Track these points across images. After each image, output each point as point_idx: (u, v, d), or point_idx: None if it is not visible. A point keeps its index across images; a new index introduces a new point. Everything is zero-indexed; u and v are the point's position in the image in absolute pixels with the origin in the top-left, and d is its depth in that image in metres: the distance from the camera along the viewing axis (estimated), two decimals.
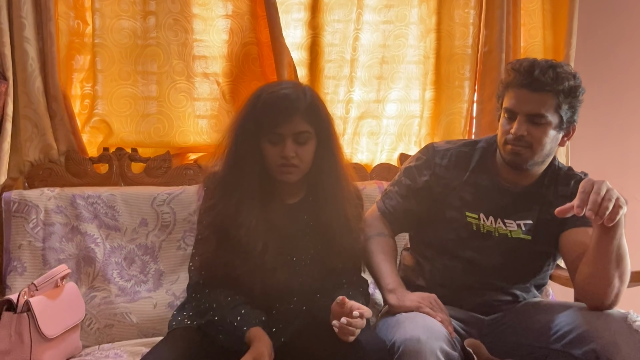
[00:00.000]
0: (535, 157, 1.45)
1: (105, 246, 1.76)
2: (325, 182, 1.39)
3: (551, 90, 1.40)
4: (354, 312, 1.23)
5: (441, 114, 2.14)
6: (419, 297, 1.43)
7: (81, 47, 1.91)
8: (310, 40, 2.04)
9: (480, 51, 2.12)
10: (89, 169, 1.89)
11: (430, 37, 2.11)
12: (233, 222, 1.33)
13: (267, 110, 1.33)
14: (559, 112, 1.42)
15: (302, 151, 1.35)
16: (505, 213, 1.52)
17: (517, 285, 1.55)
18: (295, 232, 1.41)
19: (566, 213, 1.27)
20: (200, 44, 1.95)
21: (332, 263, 1.41)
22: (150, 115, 1.92)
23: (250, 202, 1.35)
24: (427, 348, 1.25)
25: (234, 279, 1.34)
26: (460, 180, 1.55)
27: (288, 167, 1.35)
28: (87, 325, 1.67)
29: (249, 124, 1.36)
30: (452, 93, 2.13)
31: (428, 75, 2.13)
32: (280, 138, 1.33)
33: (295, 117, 1.33)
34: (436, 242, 1.57)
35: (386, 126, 2.13)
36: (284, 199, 1.43)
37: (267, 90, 1.37)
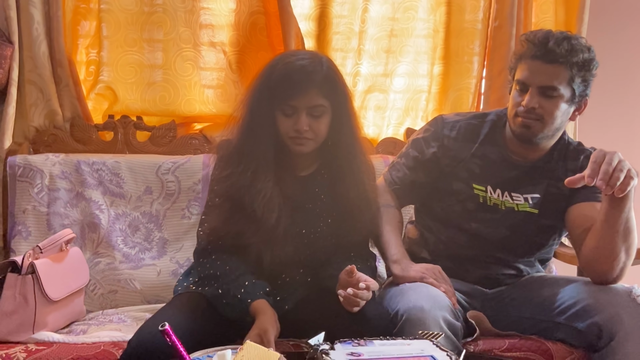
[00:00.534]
0: (546, 130, 1.44)
1: (109, 213, 1.76)
2: (339, 156, 1.38)
3: (565, 62, 1.38)
4: (360, 284, 1.23)
5: (449, 89, 2.12)
6: (423, 268, 1.44)
7: (87, 12, 1.89)
8: (318, 11, 2.01)
9: (491, 26, 2.10)
10: (93, 136, 1.88)
11: (441, 11, 2.08)
12: (248, 192, 1.32)
13: (281, 81, 1.30)
14: (571, 85, 1.40)
15: (316, 124, 1.33)
16: (513, 186, 1.51)
17: (521, 259, 1.55)
18: (306, 205, 1.40)
19: (576, 183, 1.26)
20: (207, 11, 1.93)
21: (342, 237, 1.40)
22: (156, 83, 1.91)
23: (266, 172, 1.33)
24: (430, 317, 1.25)
25: (242, 248, 1.33)
26: (469, 153, 1.54)
27: (301, 139, 1.33)
28: (91, 291, 1.68)
29: (264, 93, 1.34)
30: (460, 68, 2.11)
31: (437, 50, 2.11)
32: (294, 110, 1.31)
33: (311, 90, 1.30)
34: (442, 214, 1.56)
35: (393, 100, 2.11)
36: (296, 170, 1.41)
37: (283, 60, 1.34)
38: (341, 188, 1.38)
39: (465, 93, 2.12)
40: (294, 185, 1.39)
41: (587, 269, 1.43)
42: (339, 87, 1.35)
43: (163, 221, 1.79)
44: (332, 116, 1.35)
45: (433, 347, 1.01)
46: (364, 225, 1.42)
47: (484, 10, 2.09)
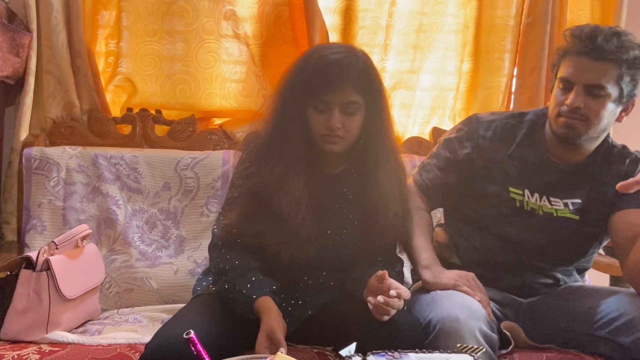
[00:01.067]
0: (590, 131, 1.36)
1: (126, 209, 1.71)
2: (371, 156, 1.32)
3: (614, 59, 1.31)
4: (392, 291, 1.17)
5: (478, 88, 2.05)
6: (456, 275, 1.36)
7: (107, 1, 1.84)
8: (344, 4, 1.95)
9: (524, 22, 2.02)
10: (111, 129, 1.84)
11: (471, 5, 2.01)
12: (276, 193, 1.26)
13: (315, 75, 1.25)
14: (619, 84, 1.33)
15: (348, 122, 1.27)
16: (552, 190, 1.43)
17: (559, 268, 1.48)
18: (333, 204, 1.34)
19: (630, 188, 1.19)
20: (231, 2, 1.87)
21: (369, 239, 1.34)
22: (176, 76, 1.85)
23: (296, 171, 1.28)
24: (465, 328, 1.18)
25: (260, 247, 1.28)
26: (505, 154, 1.46)
27: (332, 137, 1.27)
28: (106, 289, 1.64)
29: (296, 87, 1.28)
30: (491, 66, 2.04)
31: (466, 46, 2.04)
32: (327, 106, 1.26)
33: (345, 85, 1.24)
34: (474, 218, 1.49)
35: (420, 98, 2.05)
36: (325, 168, 1.36)
37: (317, 53, 1.28)
38: (371, 189, 1.32)
39: (495, 92, 2.05)
40: (322, 184, 1.33)
41: (633, 281, 1.34)
42: (374, 84, 1.30)
43: (181, 218, 1.73)
44: (366, 114, 1.29)
45: None
46: (393, 228, 1.35)
47: (517, 6, 2.02)
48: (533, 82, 2.02)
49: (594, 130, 1.36)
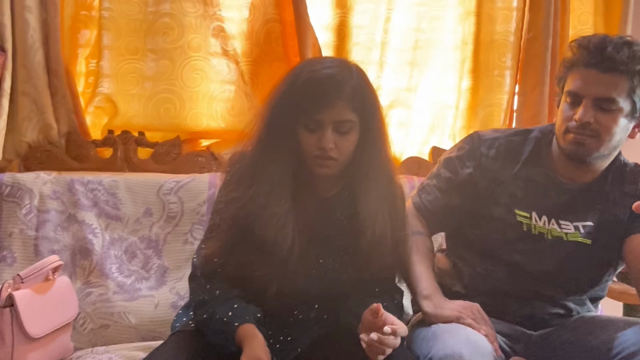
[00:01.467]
0: (602, 148, 1.27)
1: (104, 237, 1.61)
2: (366, 178, 1.21)
3: (625, 70, 1.22)
4: (385, 328, 1.05)
5: (478, 105, 2.00)
6: (459, 307, 1.25)
7: (88, 20, 1.77)
8: (337, 20, 1.89)
9: (524, 37, 1.97)
10: (91, 153, 1.75)
11: (470, 21, 1.97)
12: (259, 219, 1.16)
13: (306, 91, 1.16)
14: (632, 97, 1.24)
15: (342, 142, 1.17)
16: (561, 213, 1.34)
17: (571, 297, 1.37)
18: (326, 231, 1.23)
19: None
20: (220, 18, 1.80)
21: (365, 269, 1.23)
22: (160, 95, 1.77)
23: (282, 195, 1.18)
24: None
25: (247, 280, 1.17)
26: (510, 174, 1.37)
27: (324, 159, 1.18)
28: (80, 325, 1.53)
29: (285, 105, 1.18)
30: (491, 82, 1.98)
31: (465, 63, 1.98)
32: (319, 125, 1.16)
33: (338, 102, 1.15)
34: (478, 244, 1.38)
35: (418, 117, 1.98)
36: (317, 192, 1.25)
37: (308, 68, 1.19)
38: (367, 213, 1.21)
39: (497, 109, 1.99)
40: (313, 209, 1.23)
41: None
42: (369, 100, 1.20)
43: (163, 247, 1.63)
44: (361, 133, 1.19)
45: None
46: (391, 256, 1.24)
47: (516, 21, 1.97)
48: (535, 99, 1.96)
49: (605, 147, 1.27)
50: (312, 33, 1.82)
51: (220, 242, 1.18)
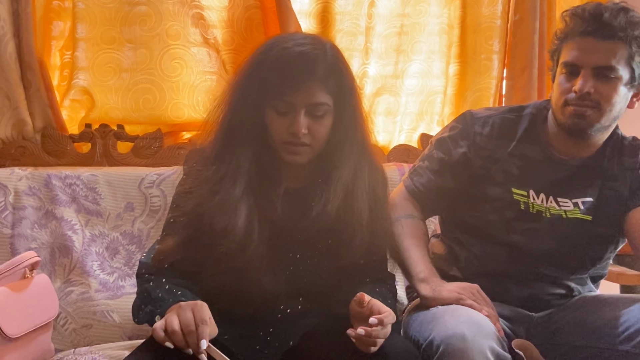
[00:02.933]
0: (603, 119, 1.24)
1: (84, 234, 1.57)
2: (342, 165, 1.14)
3: (623, 37, 1.20)
4: (371, 320, 0.99)
5: (467, 91, 1.97)
6: (458, 288, 1.22)
7: (61, 10, 1.72)
8: (320, 7, 1.86)
9: (511, 20, 1.96)
10: (68, 148, 1.70)
11: (455, 4, 1.94)
12: (209, 208, 1.09)
13: (277, 70, 1.08)
14: (630, 65, 1.22)
15: (316, 127, 1.10)
16: (559, 190, 1.31)
17: (572, 276, 1.34)
18: (299, 224, 1.16)
19: None
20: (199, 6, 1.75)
21: (350, 259, 1.17)
22: (139, 86, 1.72)
23: (244, 187, 1.10)
24: (474, 347, 1.03)
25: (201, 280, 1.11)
26: (505, 152, 1.34)
27: (296, 145, 1.11)
28: (61, 325, 1.48)
29: (253, 85, 1.11)
30: (479, 67, 1.96)
31: (452, 47, 1.96)
32: (291, 108, 1.09)
33: (312, 83, 1.08)
34: (475, 225, 1.35)
35: (405, 104, 1.95)
36: (287, 182, 1.18)
37: (279, 44, 1.11)
38: (344, 202, 1.14)
39: (485, 94, 1.97)
40: (284, 202, 1.15)
41: None
42: (346, 81, 1.13)
43: (147, 242, 1.58)
44: (336, 117, 1.13)
45: None
46: (369, 246, 1.17)
47: (502, 4, 1.95)
48: (524, 83, 1.94)
49: (607, 118, 1.25)
50: (294, 20, 1.78)
51: (177, 241, 1.11)
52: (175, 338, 0.94)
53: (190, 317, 0.95)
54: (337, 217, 1.14)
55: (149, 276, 1.11)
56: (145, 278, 1.12)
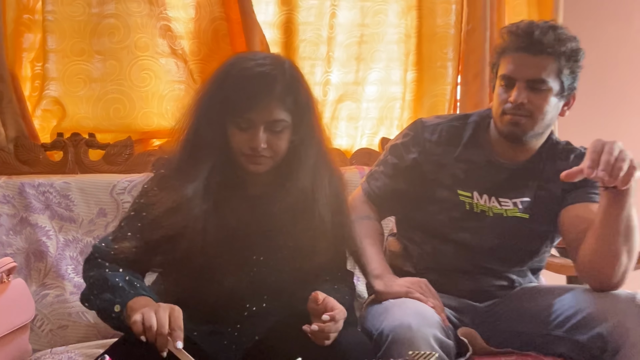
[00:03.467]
0: (536, 127, 1.36)
1: (58, 239, 1.61)
2: (301, 174, 1.21)
3: (552, 52, 1.32)
4: (323, 316, 1.09)
5: (424, 96, 2.07)
6: (408, 282, 1.33)
7: (31, 23, 1.76)
8: (283, 18, 1.93)
9: (464, 30, 2.06)
10: (41, 157, 1.73)
11: (411, 15, 2.03)
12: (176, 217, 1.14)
13: (237, 89, 1.15)
14: (560, 78, 1.34)
15: (275, 141, 1.17)
16: (500, 191, 1.42)
17: (513, 269, 1.46)
18: (261, 229, 1.22)
19: (574, 177, 1.18)
20: (166, 18, 1.81)
21: (311, 261, 1.24)
22: (109, 96, 1.77)
23: (203, 192, 1.16)
24: (419, 335, 1.14)
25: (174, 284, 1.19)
26: (452, 157, 1.45)
27: (257, 157, 1.17)
28: (37, 327, 1.52)
29: (215, 102, 1.17)
30: (434, 74, 2.06)
31: (409, 56, 2.05)
32: (251, 124, 1.15)
33: (271, 102, 1.14)
34: (425, 224, 1.46)
35: (366, 109, 2.04)
36: (248, 189, 1.24)
37: (238, 65, 1.18)
38: (304, 207, 1.21)
39: (441, 100, 2.07)
40: (246, 207, 1.21)
41: (586, 276, 1.34)
42: (302, 98, 1.19)
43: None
44: (294, 131, 1.19)
45: None
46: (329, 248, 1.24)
47: (456, 14, 2.05)
48: (477, 89, 2.05)
49: (539, 125, 1.36)
50: (259, 30, 1.85)
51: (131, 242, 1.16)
52: (149, 334, 1.01)
53: (166, 320, 1.02)
54: (297, 222, 1.21)
55: (102, 261, 1.15)
56: (98, 263, 1.16)
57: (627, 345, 1.19)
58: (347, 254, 1.34)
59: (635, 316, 1.21)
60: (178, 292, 1.19)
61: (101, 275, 1.13)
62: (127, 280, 1.12)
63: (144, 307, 1.04)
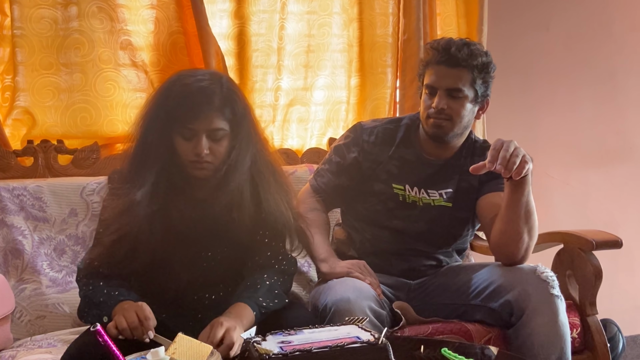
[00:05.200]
0: (455, 128, 1.55)
1: (33, 238, 1.72)
2: (237, 174, 1.31)
3: (466, 65, 1.51)
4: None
5: (366, 100, 2.22)
6: (348, 264, 1.51)
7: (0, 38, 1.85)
8: (237, 30, 2.06)
9: (400, 39, 2.22)
10: (12, 162, 1.83)
11: (353, 26, 2.19)
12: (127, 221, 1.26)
13: (179, 103, 1.26)
14: (474, 87, 1.53)
15: (216, 147, 1.28)
16: (428, 183, 1.62)
17: (440, 250, 1.65)
18: (207, 228, 1.33)
19: (480, 170, 1.38)
20: (126, 33, 1.93)
21: (252, 255, 1.38)
22: (76, 105, 1.88)
23: (150, 198, 1.27)
24: (356, 306, 1.32)
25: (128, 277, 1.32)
26: (387, 155, 1.63)
27: (201, 162, 1.28)
28: (17, 318, 1.63)
29: (160, 115, 1.28)
30: (375, 79, 2.21)
31: (352, 63, 2.20)
32: (194, 134, 1.27)
33: (210, 112, 1.26)
34: (366, 214, 1.64)
35: (315, 112, 2.18)
36: (194, 192, 1.34)
37: (180, 81, 1.29)
38: (238, 209, 1.32)
39: (382, 102, 2.23)
40: (192, 209, 1.32)
41: (496, 252, 1.55)
42: (239, 108, 1.31)
43: (90, 242, 1.70)
44: (232, 138, 1.30)
45: (358, 330, 1.07)
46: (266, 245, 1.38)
47: (393, 25, 2.21)
48: (413, 92, 2.21)
49: (458, 127, 1.56)
50: (214, 42, 1.98)
51: (101, 249, 1.31)
52: (125, 334, 1.17)
53: (134, 317, 1.17)
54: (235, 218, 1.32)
55: (86, 280, 1.31)
56: (84, 282, 1.32)
57: (529, 308, 1.40)
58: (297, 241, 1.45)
59: (535, 284, 1.42)
60: (144, 287, 1.34)
61: (86, 295, 1.30)
62: (105, 293, 1.27)
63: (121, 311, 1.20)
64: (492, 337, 1.49)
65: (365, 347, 0.98)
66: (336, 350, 0.96)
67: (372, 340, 0.99)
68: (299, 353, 0.96)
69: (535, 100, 2.50)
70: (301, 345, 1.00)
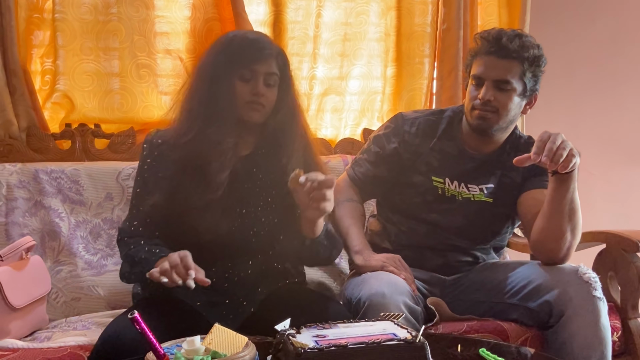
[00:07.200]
0: (501, 122, 1.51)
1: (70, 220, 1.75)
2: (278, 134, 1.40)
3: (517, 57, 1.46)
4: (300, 179, 1.23)
5: (402, 90, 2.19)
6: (383, 257, 1.49)
7: (40, 22, 1.88)
8: (273, 17, 2.05)
9: (439, 29, 2.18)
10: (51, 145, 1.87)
11: (391, 15, 2.15)
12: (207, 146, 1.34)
13: (242, 47, 1.37)
14: (523, 80, 1.49)
15: (269, 92, 1.38)
16: (469, 178, 1.58)
17: (477, 247, 1.62)
18: (245, 184, 1.40)
19: (524, 162, 1.34)
20: (162, 20, 1.94)
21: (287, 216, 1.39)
22: (114, 91, 1.91)
23: (229, 127, 1.36)
24: (391, 302, 1.30)
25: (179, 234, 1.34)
26: (428, 147, 1.60)
27: (257, 103, 1.37)
28: (53, 299, 1.67)
29: (221, 62, 1.37)
30: (412, 70, 2.18)
31: (389, 52, 2.17)
32: (254, 75, 1.36)
33: (269, 58, 1.38)
34: (403, 207, 1.62)
35: (349, 102, 2.16)
36: (237, 150, 1.41)
37: (239, 35, 1.43)
38: (279, 166, 1.39)
39: (418, 93, 2.19)
40: (235, 165, 1.39)
41: (537, 251, 1.51)
42: (286, 61, 1.42)
43: None
44: (280, 90, 1.40)
45: (394, 327, 1.05)
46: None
47: (432, 14, 2.17)
48: (451, 83, 2.17)
49: (504, 120, 1.52)
50: (250, 29, 1.95)
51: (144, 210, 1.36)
52: (167, 275, 1.19)
53: (176, 257, 1.21)
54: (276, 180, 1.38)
55: (127, 239, 1.36)
56: (125, 242, 1.37)
57: (569, 310, 1.36)
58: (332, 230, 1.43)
59: (577, 285, 1.38)
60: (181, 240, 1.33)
61: (127, 254, 1.34)
62: (146, 250, 1.31)
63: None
64: (529, 338, 1.45)
65: (402, 345, 0.95)
66: (372, 347, 0.94)
67: (409, 338, 0.97)
68: (334, 348, 0.94)
69: (577, 95, 2.43)
70: (336, 340, 0.98)
